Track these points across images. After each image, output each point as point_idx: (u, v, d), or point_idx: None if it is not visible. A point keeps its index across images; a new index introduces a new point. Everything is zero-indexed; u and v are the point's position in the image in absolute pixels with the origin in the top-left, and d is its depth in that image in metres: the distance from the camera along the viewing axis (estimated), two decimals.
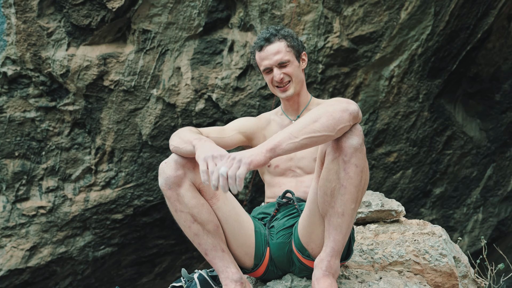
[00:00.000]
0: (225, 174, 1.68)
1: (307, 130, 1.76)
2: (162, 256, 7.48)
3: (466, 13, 6.34)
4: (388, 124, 6.85)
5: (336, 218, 1.90)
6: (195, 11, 5.89)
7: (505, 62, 7.22)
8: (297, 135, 1.75)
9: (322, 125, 1.77)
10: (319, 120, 1.77)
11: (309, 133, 1.76)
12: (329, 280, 1.93)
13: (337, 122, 1.78)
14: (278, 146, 1.73)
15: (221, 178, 1.68)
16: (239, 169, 1.68)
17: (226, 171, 1.68)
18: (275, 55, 2.27)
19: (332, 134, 1.78)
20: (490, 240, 7.96)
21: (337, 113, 1.79)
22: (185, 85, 6.18)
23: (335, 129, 1.78)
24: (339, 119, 1.78)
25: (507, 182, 7.98)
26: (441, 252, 2.23)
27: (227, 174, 1.67)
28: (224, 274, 2.03)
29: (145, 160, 6.55)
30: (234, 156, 1.72)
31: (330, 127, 1.77)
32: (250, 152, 1.72)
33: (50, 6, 5.72)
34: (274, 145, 1.74)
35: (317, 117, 1.78)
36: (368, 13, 6.01)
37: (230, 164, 1.69)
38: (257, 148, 1.74)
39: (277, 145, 1.74)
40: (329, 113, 1.79)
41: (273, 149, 1.73)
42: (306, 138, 1.75)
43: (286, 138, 1.75)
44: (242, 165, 1.68)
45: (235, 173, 1.67)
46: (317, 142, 1.79)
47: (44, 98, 6.10)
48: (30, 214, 6.43)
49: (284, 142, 1.74)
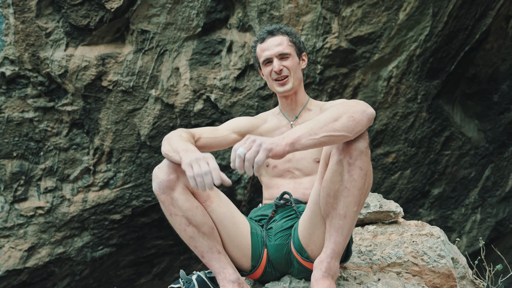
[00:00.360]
0: (243, 155, 1.64)
1: (328, 128, 1.74)
2: (160, 256, 7.47)
3: (464, 14, 6.35)
4: (386, 124, 6.86)
5: (338, 220, 1.90)
6: (193, 11, 5.89)
7: (503, 63, 7.24)
8: (317, 132, 1.72)
9: (343, 125, 1.75)
10: (340, 119, 1.75)
11: (329, 131, 1.73)
12: (328, 282, 1.93)
13: (356, 124, 1.76)
14: (297, 141, 1.71)
15: (237, 160, 1.64)
16: (258, 154, 1.63)
17: (244, 153, 1.64)
18: (277, 46, 2.28)
19: (350, 135, 1.77)
20: (488, 241, 7.97)
21: (357, 115, 1.77)
22: (184, 85, 6.18)
23: (354, 131, 1.76)
24: (359, 122, 1.77)
25: (505, 182, 7.99)
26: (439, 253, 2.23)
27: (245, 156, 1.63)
28: (221, 276, 2.03)
29: (143, 161, 6.55)
30: (254, 139, 1.67)
31: (350, 128, 1.76)
32: (271, 140, 1.68)
33: (48, 6, 5.71)
34: (294, 139, 1.70)
35: (338, 116, 1.76)
36: (366, 14, 6.01)
37: (249, 146, 1.65)
38: (278, 138, 1.70)
39: (296, 140, 1.71)
40: (350, 113, 1.77)
41: (293, 143, 1.70)
42: (326, 136, 1.73)
43: (306, 133, 1.72)
44: (262, 150, 1.64)
45: (253, 157, 1.63)
46: (334, 142, 1.76)
47: (43, 98, 6.09)
48: (28, 214, 6.42)
49: (304, 138, 1.71)
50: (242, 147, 1.65)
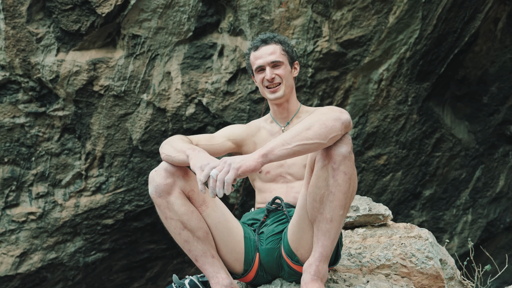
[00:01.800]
0: (215, 176, 1.73)
1: (300, 137, 1.80)
2: (153, 261, 7.47)
3: (453, 17, 6.41)
4: (377, 127, 6.90)
5: (325, 224, 1.93)
6: (184, 16, 5.91)
7: (492, 65, 7.31)
8: (290, 142, 1.79)
9: (315, 133, 1.80)
10: (312, 128, 1.81)
11: (302, 140, 1.79)
12: (317, 284, 1.96)
13: (329, 131, 1.81)
14: (271, 152, 1.78)
15: (211, 180, 1.74)
16: (228, 174, 1.73)
17: (216, 174, 1.73)
18: (270, 55, 2.33)
19: (324, 142, 1.81)
20: (479, 241, 8.03)
21: (329, 122, 1.82)
22: (175, 89, 6.19)
23: (327, 137, 1.81)
24: (331, 128, 1.82)
25: (496, 183, 8.06)
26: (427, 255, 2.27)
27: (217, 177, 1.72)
28: (214, 280, 2.05)
29: (135, 165, 6.55)
30: (225, 160, 1.77)
31: (323, 135, 1.81)
32: (242, 158, 1.77)
33: (39, 11, 5.71)
34: (267, 150, 1.78)
35: (310, 125, 1.82)
36: (356, 17, 6.06)
37: (221, 168, 1.75)
38: (251, 154, 1.79)
39: (270, 151, 1.78)
40: (322, 121, 1.82)
41: (266, 154, 1.78)
42: (299, 145, 1.79)
43: (279, 144, 1.79)
44: (231, 170, 1.74)
45: (223, 177, 1.72)
46: (309, 150, 1.82)
47: (34, 103, 6.08)
48: (20, 220, 6.40)
49: (277, 148, 1.79)
50: (216, 168, 1.76)
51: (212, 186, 1.73)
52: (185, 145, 2.00)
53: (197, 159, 1.86)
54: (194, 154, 1.89)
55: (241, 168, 1.74)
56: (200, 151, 1.92)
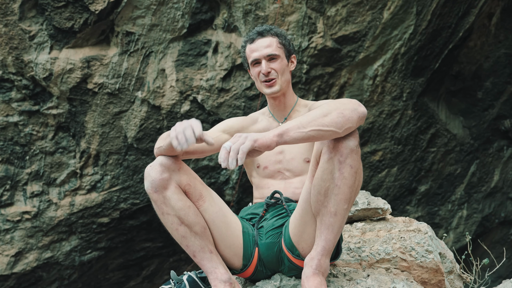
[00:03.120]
0: (229, 148, 1.69)
1: (317, 122, 1.77)
2: (149, 259, 7.44)
3: (448, 12, 6.42)
4: (372, 123, 6.91)
5: (329, 217, 1.91)
6: (178, 12, 5.88)
7: (487, 60, 7.33)
8: (306, 126, 1.77)
9: (332, 120, 1.78)
10: (329, 115, 1.79)
11: (318, 126, 1.77)
12: (318, 279, 1.94)
13: (346, 121, 1.79)
14: (286, 133, 1.75)
15: (223, 151, 1.69)
16: (244, 144, 1.69)
17: (230, 146, 1.69)
18: (266, 47, 2.29)
19: (339, 131, 1.79)
20: (474, 236, 8.06)
21: (347, 112, 1.80)
22: (170, 87, 6.16)
23: (343, 127, 1.79)
24: (348, 119, 1.80)
25: (491, 178, 8.09)
26: (427, 249, 2.26)
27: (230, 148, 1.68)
28: (213, 275, 2.03)
29: (130, 163, 6.52)
30: (240, 134, 1.74)
31: (339, 124, 1.78)
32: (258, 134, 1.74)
33: (31, 9, 5.66)
34: (283, 131, 1.76)
35: (327, 111, 1.80)
36: (351, 13, 6.05)
37: (236, 140, 1.71)
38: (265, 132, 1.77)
39: (285, 132, 1.76)
40: (340, 110, 1.80)
41: (281, 134, 1.75)
42: (314, 130, 1.77)
43: (295, 126, 1.77)
44: (248, 140, 1.70)
45: (239, 147, 1.68)
46: (323, 137, 1.80)
47: (27, 102, 6.04)
48: (15, 219, 6.36)
49: (293, 130, 1.76)
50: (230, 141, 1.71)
51: (224, 157, 1.68)
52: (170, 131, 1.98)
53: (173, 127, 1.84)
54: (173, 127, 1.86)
55: (258, 141, 1.71)
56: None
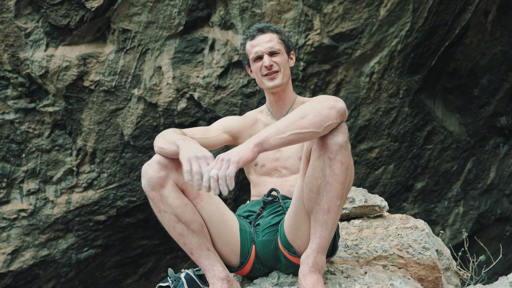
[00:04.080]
0: (216, 176, 1.70)
1: (295, 126, 1.78)
2: (146, 256, 7.44)
3: (444, 9, 6.42)
4: (369, 120, 6.91)
5: (322, 214, 1.92)
6: (175, 10, 5.87)
7: (483, 57, 7.34)
8: (284, 131, 1.77)
9: (310, 121, 1.78)
10: (307, 116, 1.79)
11: (296, 129, 1.78)
12: (315, 276, 1.95)
13: (324, 119, 1.80)
14: (265, 141, 1.76)
15: (211, 180, 1.70)
16: (228, 168, 1.70)
17: (217, 173, 1.70)
18: (267, 42, 2.31)
19: (319, 131, 1.80)
20: (471, 233, 8.08)
21: (324, 110, 1.81)
22: (167, 84, 6.15)
23: (322, 126, 1.80)
24: (326, 116, 1.80)
25: (487, 175, 8.11)
26: (424, 246, 2.27)
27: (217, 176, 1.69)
28: (210, 273, 2.03)
29: (127, 161, 6.51)
30: (222, 157, 1.74)
31: (317, 124, 1.79)
32: (237, 150, 1.74)
33: (27, 6, 5.64)
34: (262, 139, 1.76)
35: (304, 113, 1.80)
36: (347, 10, 6.05)
37: (220, 166, 1.71)
38: (243, 144, 1.76)
39: (264, 140, 1.76)
40: (317, 110, 1.81)
41: (261, 143, 1.75)
42: (293, 134, 1.77)
43: (273, 133, 1.77)
44: (231, 164, 1.71)
45: (225, 173, 1.69)
46: (304, 138, 1.80)
47: (23, 99, 6.01)
48: (11, 217, 6.34)
49: (272, 137, 1.76)
50: (214, 168, 1.72)
51: (214, 186, 1.70)
52: (177, 136, 1.97)
53: (186, 149, 1.83)
54: (183, 145, 1.87)
55: (241, 160, 1.72)
56: (190, 141, 1.90)
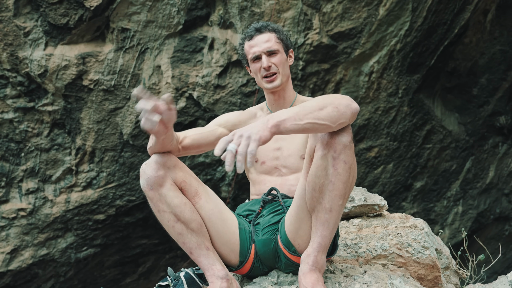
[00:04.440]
0: (234, 150, 1.63)
1: (313, 115, 1.76)
2: (145, 255, 7.44)
3: (443, 8, 6.42)
4: (368, 119, 6.91)
5: (324, 213, 1.91)
6: (174, 9, 5.86)
7: (482, 56, 7.34)
8: (302, 118, 1.75)
9: (327, 114, 1.78)
10: (325, 109, 1.78)
11: (314, 119, 1.76)
12: (315, 275, 1.95)
13: (340, 116, 1.79)
14: (282, 124, 1.72)
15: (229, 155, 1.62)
16: (250, 146, 1.63)
17: (236, 148, 1.63)
18: (265, 43, 2.30)
19: (333, 126, 1.80)
20: (470, 232, 8.09)
21: (342, 107, 1.80)
22: (166, 83, 6.15)
23: (337, 122, 1.79)
24: (342, 114, 1.80)
25: (486, 174, 8.12)
26: (424, 245, 2.27)
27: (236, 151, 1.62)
28: (209, 272, 2.03)
29: (126, 160, 6.51)
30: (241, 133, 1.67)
31: (334, 118, 1.78)
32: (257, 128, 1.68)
33: (26, 5, 5.63)
34: (279, 121, 1.71)
35: (323, 105, 1.79)
36: (347, 9, 6.04)
37: (239, 142, 1.64)
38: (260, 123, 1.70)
39: (282, 122, 1.71)
40: (335, 105, 1.80)
41: (278, 125, 1.71)
42: (310, 123, 1.75)
43: (291, 118, 1.73)
44: (252, 142, 1.64)
45: (245, 150, 1.63)
46: (318, 130, 1.79)
47: (22, 98, 6.01)
48: (10, 216, 6.34)
49: (289, 122, 1.73)
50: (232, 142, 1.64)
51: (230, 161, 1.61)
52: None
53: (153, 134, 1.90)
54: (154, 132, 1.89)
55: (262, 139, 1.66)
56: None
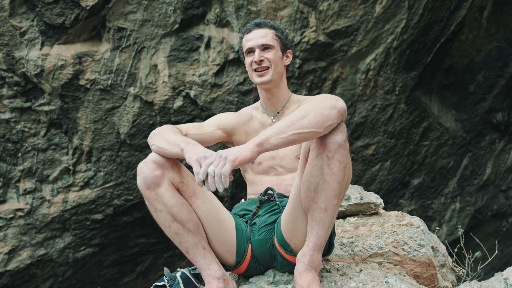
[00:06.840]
0: (212, 172, 1.73)
1: (295, 126, 1.79)
2: (143, 255, 7.44)
3: (439, 5, 6.42)
4: (365, 117, 6.92)
5: (319, 213, 1.92)
6: (170, 7, 5.85)
7: (478, 53, 7.35)
8: (285, 131, 1.79)
9: (311, 121, 1.79)
10: (307, 116, 1.80)
11: (297, 129, 1.79)
12: (311, 274, 1.95)
13: (325, 119, 1.80)
14: (266, 141, 1.78)
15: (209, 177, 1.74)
16: (224, 166, 1.73)
17: (213, 170, 1.74)
18: (261, 37, 2.30)
19: (320, 130, 1.81)
20: (468, 229, 8.11)
21: (325, 110, 1.81)
22: (163, 82, 6.14)
23: (323, 126, 1.80)
24: (327, 116, 1.81)
25: (483, 171, 8.13)
26: (420, 243, 2.27)
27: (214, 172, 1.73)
28: (206, 272, 2.03)
29: (124, 159, 6.50)
30: (221, 154, 1.77)
31: (318, 123, 1.80)
32: (237, 149, 1.77)
33: (22, 5, 5.62)
34: (262, 140, 1.78)
35: (305, 113, 1.81)
36: (343, 7, 6.04)
37: (218, 163, 1.75)
38: (245, 144, 1.79)
39: (265, 140, 1.78)
40: (318, 109, 1.81)
41: (261, 143, 1.78)
42: (294, 134, 1.79)
43: (274, 133, 1.79)
44: (227, 162, 1.74)
45: (220, 171, 1.73)
46: (305, 138, 1.81)
47: (19, 98, 6.00)
48: (8, 217, 6.33)
49: (272, 137, 1.78)
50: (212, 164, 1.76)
51: (211, 182, 1.74)
52: (178, 137, 1.98)
53: (193, 152, 1.86)
54: (189, 148, 1.89)
55: (237, 160, 1.75)
56: (194, 144, 1.92)
